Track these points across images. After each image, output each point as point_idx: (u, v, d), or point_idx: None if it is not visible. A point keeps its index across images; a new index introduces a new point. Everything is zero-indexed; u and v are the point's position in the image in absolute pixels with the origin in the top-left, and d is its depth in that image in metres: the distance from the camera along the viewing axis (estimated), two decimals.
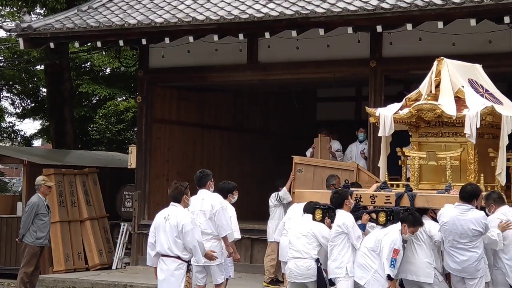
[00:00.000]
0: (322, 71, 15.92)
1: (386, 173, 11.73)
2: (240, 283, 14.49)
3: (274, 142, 19.76)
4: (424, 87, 11.47)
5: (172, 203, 10.11)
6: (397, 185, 11.47)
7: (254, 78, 16.62)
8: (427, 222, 10.48)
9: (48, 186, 14.31)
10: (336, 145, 16.25)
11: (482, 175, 10.88)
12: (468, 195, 10.16)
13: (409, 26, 13.96)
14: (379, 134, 11.77)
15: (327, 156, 15.45)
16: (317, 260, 10.68)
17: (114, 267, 17.21)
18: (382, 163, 11.96)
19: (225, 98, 18.98)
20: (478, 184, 10.64)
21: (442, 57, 11.60)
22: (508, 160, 11.23)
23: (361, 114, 19.54)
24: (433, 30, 14.17)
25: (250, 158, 19.11)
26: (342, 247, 10.46)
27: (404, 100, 11.64)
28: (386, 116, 11.44)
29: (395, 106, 11.62)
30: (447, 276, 10.59)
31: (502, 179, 11.01)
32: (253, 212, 17.02)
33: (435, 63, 11.56)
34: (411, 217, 10.27)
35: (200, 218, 11.02)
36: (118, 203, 18.07)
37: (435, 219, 10.54)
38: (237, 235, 11.69)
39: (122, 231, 17.54)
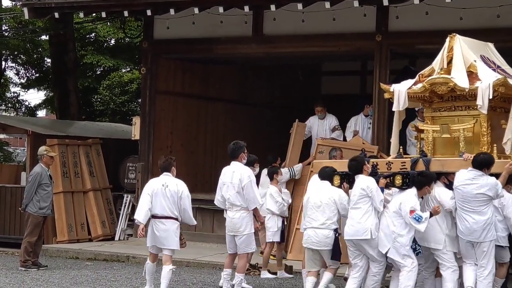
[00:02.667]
0: (328, 45, 15.86)
1: (401, 146, 11.92)
2: None
3: (278, 115, 19.69)
4: (436, 63, 11.61)
5: (164, 173, 11.46)
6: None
7: (259, 51, 16.55)
8: (439, 188, 10.70)
9: (50, 156, 14.31)
10: (333, 120, 16.22)
11: (495, 145, 11.07)
12: (479, 164, 10.44)
13: (416, 0, 13.86)
14: (393, 109, 11.88)
15: (300, 143, 15.36)
16: (336, 230, 10.95)
17: (116, 238, 17.25)
18: (394, 137, 12.13)
19: (230, 71, 18.91)
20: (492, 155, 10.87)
21: (454, 33, 11.67)
22: None
23: (366, 88, 19.52)
24: (441, 4, 14.09)
25: (254, 131, 19.05)
26: (366, 211, 10.57)
27: (417, 76, 11.78)
28: (401, 91, 11.64)
29: (409, 82, 11.79)
30: None
31: (508, 148, 11.20)
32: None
33: (448, 39, 11.64)
34: (422, 178, 10.54)
35: (230, 190, 11.37)
36: (121, 174, 18.07)
37: (447, 186, 10.76)
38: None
39: (125, 203, 17.56)
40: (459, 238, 10.64)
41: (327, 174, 11.18)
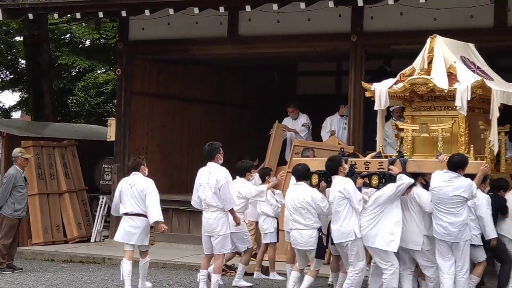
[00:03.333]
0: (303, 45, 15.88)
1: (381, 145, 12.15)
2: None
3: (254, 116, 19.71)
4: (417, 63, 11.80)
5: (133, 172, 11.93)
6: (391, 157, 11.71)
7: (234, 52, 16.54)
8: (419, 189, 10.79)
9: (25, 158, 14.23)
10: (303, 119, 16.27)
11: (472, 146, 11.24)
12: (454, 165, 10.56)
13: (390, 1, 13.91)
14: (375, 108, 12.04)
15: (279, 144, 15.37)
16: (319, 229, 11.07)
17: (92, 240, 17.19)
18: (378, 136, 12.34)
19: (206, 71, 18.87)
20: (468, 155, 11.00)
21: (435, 34, 11.85)
22: (498, 134, 11.60)
23: (342, 89, 19.57)
24: (415, 5, 14.16)
25: (231, 132, 19.06)
26: (346, 212, 10.70)
27: (398, 75, 11.93)
28: (382, 90, 11.83)
29: (390, 81, 11.95)
30: None
31: (495, 149, 11.47)
32: None
33: (429, 40, 11.82)
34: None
35: (206, 191, 11.47)
36: (97, 176, 18.00)
37: (425, 186, 10.88)
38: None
39: (101, 204, 17.50)
40: (435, 238, 10.73)
41: (302, 174, 11.22)
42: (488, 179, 11.39)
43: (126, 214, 11.79)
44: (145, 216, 11.66)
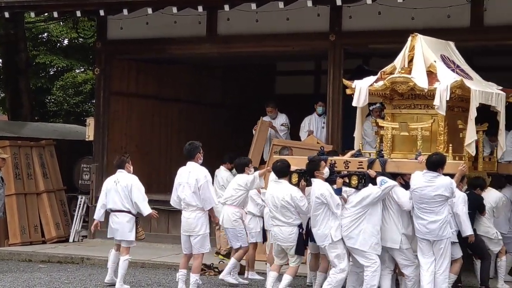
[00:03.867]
0: (282, 45, 15.90)
1: (360, 142, 12.26)
2: None
3: (233, 115, 19.71)
4: (398, 61, 11.85)
5: (118, 170, 12.36)
6: (370, 154, 11.99)
7: (213, 51, 16.52)
8: (396, 188, 10.85)
9: (2, 158, 14.14)
10: (282, 118, 16.30)
11: (450, 145, 11.32)
12: (433, 164, 10.65)
13: (368, 0, 13.97)
14: (353, 104, 12.09)
15: (263, 141, 15.38)
16: (299, 226, 11.12)
17: (71, 240, 17.12)
18: (357, 134, 12.40)
19: (184, 71, 18.85)
20: (447, 154, 11.12)
21: (416, 33, 11.91)
22: (477, 132, 11.68)
23: (320, 88, 19.59)
24: (393, 4, 14.21)
25: (210, 131, 19.04)
26: (324, 216, 10.78)
27: (379, 73, 12.00)
28: (362, 88, 11.89)
29: (371, 79, 12.02)
30: None
31: (471, 150, 11.50)
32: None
33: (409, 38, 11.88)
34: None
35: (185, 190, 11.49)
36: (76, 175, 17.92)
37: (404, 186, 10.95)
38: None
39: (80, 204, 17.43)
40: (416, 236, 10.80)
41: (282, 172, 11.25)
42: (465, 178, 11.48)
43: (111, 210, 12.20)
44: (128, 212, 12.05)
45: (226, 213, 12.48)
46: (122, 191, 12.09)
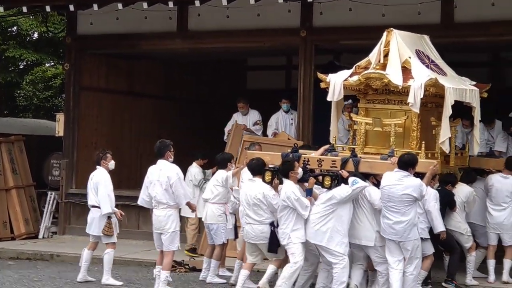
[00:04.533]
0: (252, 40, 15.85)
1: (334, 136, 12.26)
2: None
3: (205, 111, 19.66)
4: (373, 56, 11.87)
5: (97, 166, 12.63)
6: (343, 148, 12.04)
7: (184, 47, 16.47)
8: (370, 188, 10.91)
9: None
10: (255, 115, 16.27)
11: (423, 142, 11.35)
12: (404, 164, 10.70)
13: None
14: (328, 99, 12.10)
15: (237, 144, 15.34)
16: (271, 224, 11.13)
17: (40, 236, 17.00)
18: (332, 128, 12.41)
19: (155, 66, 18.79)
20: (420, 151, 11.20)
21: (391, 28, 11.94)
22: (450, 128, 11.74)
23: (291, 83, 19.60)
24: (363, 1, 14.24)
25: (180, 127, 18.99)
26: (286, 218, 10.85)
27: (354, 67, 12.03)
28: (336, 82, 11.90)
29: (345, 73, 12.02)
30: None
31: (445, 147, 11.56)
32: None
33: (385, 33, 11.91)
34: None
35: (156, 188, 11.53)
36: (45, 171, 17.81)
37: (376, 185, 11.00)
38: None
39: (49, 200, 17.30)
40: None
41: (257, 169, 11.27)
42: (437, 176, 11.53)
43: (89, 205, 12.63)
44: (98, 207, 12.34)
45: (210, 209, 12.48)
46: (94, 187, 12.38)
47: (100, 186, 12.28)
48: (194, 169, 14.72)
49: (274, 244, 11.13)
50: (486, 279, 12.42)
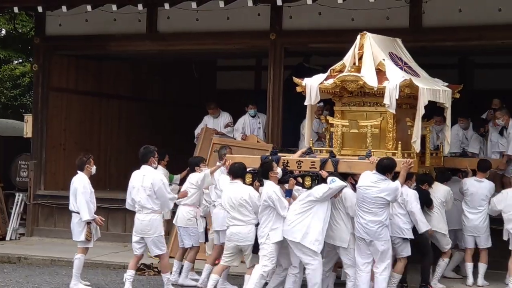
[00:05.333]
0: (222, 43, 15.85)
1: (311, 139, 12.42)
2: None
3: (174, 112, 19.65)
4: (348, 59, 11.99)
5: (78, 171, 12.42)
6: (321, 151, 12.14)
7: (153, 48, 16.42)
8: (346, 190, 11.05)
9: None
10: (226, 118, 16.31)
11: (400, 142, 11.52)
12: (382, 168, 10.86)
13: (308, 0, 14.02)
14: (305, 103, 12.21)
15: (207, 147, 15.34)
16: (257, 225, 11.19)
17: (8, 238, 16.88)
18: (307, 131, 12.55)
19: (124, 68, 18.74)
20: (396, 151, 11.37)
21: (365, 32, 12.06)
22: (423, 128, 11.96)
23: (261, 84, 19.64)
24: (333, 5, 14.27)
25: (149, 128, 18.97)
26: (267, 218, 10.96)
27: (328, 71, 12.14)
28: (312, 86, 12.00)
29: (321, 77, 12.12)
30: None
31: (417, 147, 11.71)
32: None
33: (359, 37, 12.03)
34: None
35: (140, 193, 11.63)
36: (13, 172, 17.71)
37: (354, 185, 11.16)
38: None
39: (17, 202, 17.19)
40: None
41: (238, 172, 11.37)
42: (414, 176, 11.68)
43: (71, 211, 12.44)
44: (78, 213, 12.17)
45: (181, 211, 12.51)
46: (73, 193, 12.24)
47: (78, 193, 12.14)
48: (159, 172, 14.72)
49: (258, 245, 11.20)
50: (462, 281, 12.55)
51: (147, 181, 11.60)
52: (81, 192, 12.09)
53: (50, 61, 17.12)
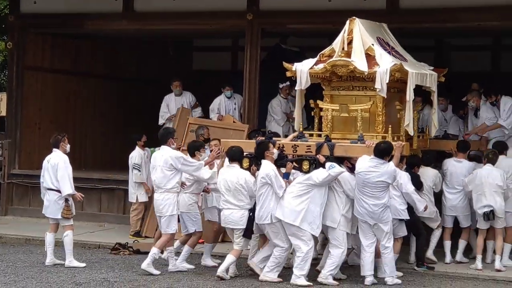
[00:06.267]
0: (199, 23, 15.83)
1: (301, 123, 12.48)
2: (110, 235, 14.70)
3: (150, 91, 19.55)
4: (337, 44, 12.08)
5: (53, 149, 12.47)
6: (311, 135, 12.20)
7: (130, 27, 16.38)
8: (344, 174, 11.16)
9: None
10: (189, 96, 16.45)
11: (390, 126, 11.70)
12: (380, 152, 11.06)
13: None
14: (296, 88, 12.31)
15: (183, 128, 15.30)
16: (250, 210, 11.32)
17: None
18: (297, 114, 12.58)
19: (101, 46, 18.62)
20: (386, 134, 11.57)
21: (354, 17, 12.14)
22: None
23: (237, 64, 19.60)
24: None
25: (126, 107, 18.90)
26: (266, 196, 11.08)
27: (318, 56, 12.20)
28: (303, 71, 12.11)
29: (310, 62, 12.22)
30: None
31: (410, 130, 11.96)
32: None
33: (348, 22, 12.13)
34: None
35: (157, 173, 11.82)
36: None
37: (350, 169, 11.33)
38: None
39: None
40: (358, 218, 11.19)
41: (236, 156, 11.48)
42: (405, 159, 11.90)
43: (45, 188, 12.45)
44: (56, 190, 12.23)
45: (182, 197, 12.35)
46: (51, 170, 12.26)
47: (59, 168, 12.22)
48: (135, 153, 14.73)
49: (249, 229, 11.35)
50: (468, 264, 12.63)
51: (165, 161, 11.75)
52: (63, 167, 12.23)
53: (25, 40, 17.01)
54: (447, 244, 12.77)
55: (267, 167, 11.09)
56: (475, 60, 18.20)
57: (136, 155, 14.71)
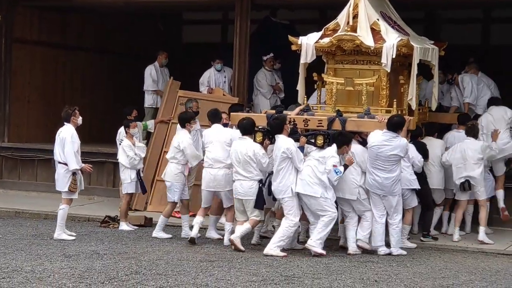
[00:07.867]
0: None
1: (305, 96, 12.49)
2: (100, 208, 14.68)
3: (140, 65, 19.45)
4: (342, 18, 12.19)
5: (64, 123, 12.47)
6: (313, 108, 12.34)
7: (118, 0, 16.25)
8: (353, 145, 11.40)
9: None
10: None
11: (395, 100, 11.87)
12: (394, 126, 11.28)
13: None
14: (301, 61, 12.35)
15: (173, 100, 15.24)
16: (260, 181, 11.44)
17: None
18: (300, 88, 12.60)
19: (89, 19, 18.50)
20: (391, 108, 11.73)
21: None
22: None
23: (227, 37, 19.53)
24: None
25: (115, 81, 18.83)
26: (286, 170, 11.23)
27: (323, 30, 12.30)
28: (308, 44, 12.21)
29: (315, 35, 12.31)
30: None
31: (413, 104, 12.16)
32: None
33: None
34: (342, 137, 11.25)
35: (216, 147, 12.10)
36: None
37: (361, 143, 11.55)
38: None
39: None
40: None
41: (247, 129, 11.59)
42: (409, 133, 12.07)
43: (55, 161, 12.53)
44: (64, 163, 12.28)
45: (169, 167, 12.62)
46: (60, 143, 12.33)
47: (66, 142, 12.23)
48: (121, 128, 14.63)
49: (260, 200, 11.45)
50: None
51: (223, 137, 12.13)
52: (70, 141, 12.24)
53: (13, 12, 16.90)
54: (445, 215, 13.02)
55: (287, 141, 11.23)
56: (465, 32, 18.16)
57: (122, 131, 14.56)
